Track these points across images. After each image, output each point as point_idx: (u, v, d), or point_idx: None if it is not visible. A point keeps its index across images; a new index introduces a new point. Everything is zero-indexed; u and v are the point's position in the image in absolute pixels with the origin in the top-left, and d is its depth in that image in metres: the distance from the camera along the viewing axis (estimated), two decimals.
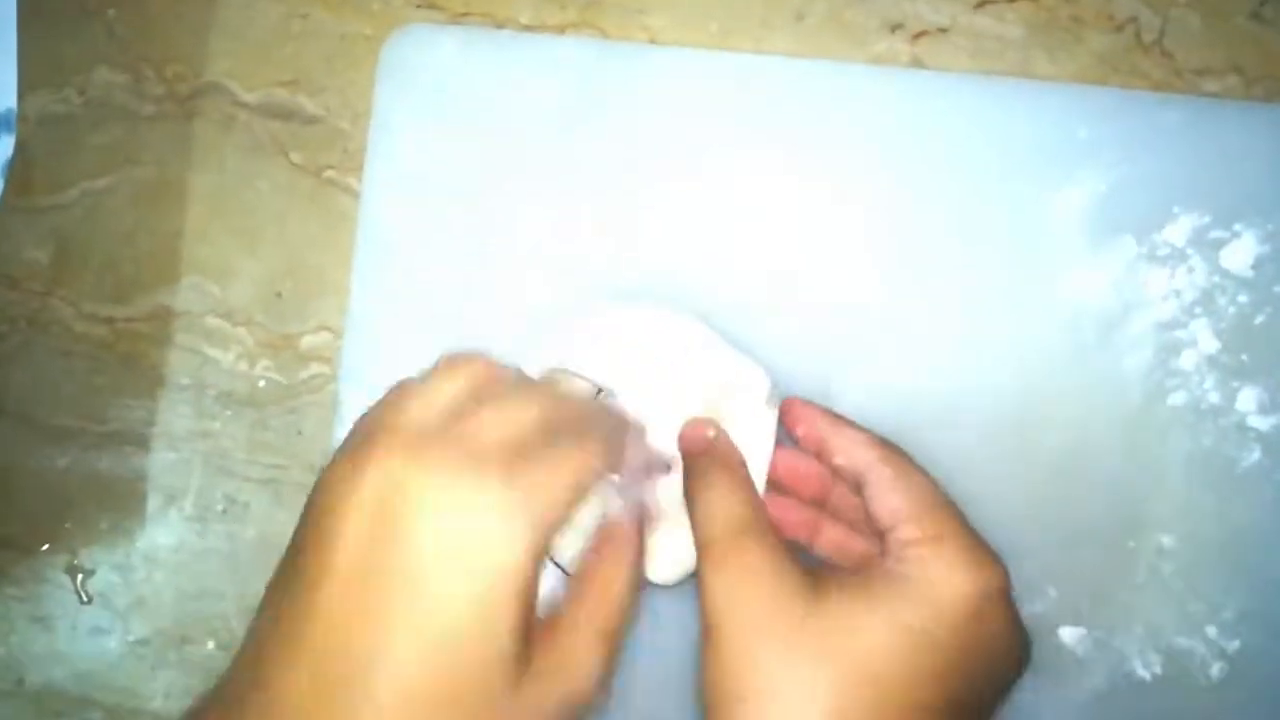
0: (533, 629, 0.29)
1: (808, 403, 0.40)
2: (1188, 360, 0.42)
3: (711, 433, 0.38)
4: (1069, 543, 0.42)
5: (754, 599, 0.33)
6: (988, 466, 0.42)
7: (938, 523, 0.35)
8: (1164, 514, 0.42)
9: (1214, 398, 0.42)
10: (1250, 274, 0.42)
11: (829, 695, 0.31)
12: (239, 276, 0.48)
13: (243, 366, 0.48)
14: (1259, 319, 0.42)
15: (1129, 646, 0.42)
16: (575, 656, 0.30)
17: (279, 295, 0.48)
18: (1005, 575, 0.35)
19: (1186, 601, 0.42)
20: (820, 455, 0.39)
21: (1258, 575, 0.42)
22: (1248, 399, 0.42)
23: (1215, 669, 0.42)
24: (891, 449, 0.38)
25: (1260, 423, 0.42)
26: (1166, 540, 0.42)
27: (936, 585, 0.34)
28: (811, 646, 0.32)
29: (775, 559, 0.34)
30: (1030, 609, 0.42)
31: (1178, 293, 0.42)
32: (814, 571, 0.35)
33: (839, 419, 0.39)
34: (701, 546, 0.36)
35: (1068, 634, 0.42)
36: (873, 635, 0.33)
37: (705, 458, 0.38)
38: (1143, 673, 0.42)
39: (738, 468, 0.38)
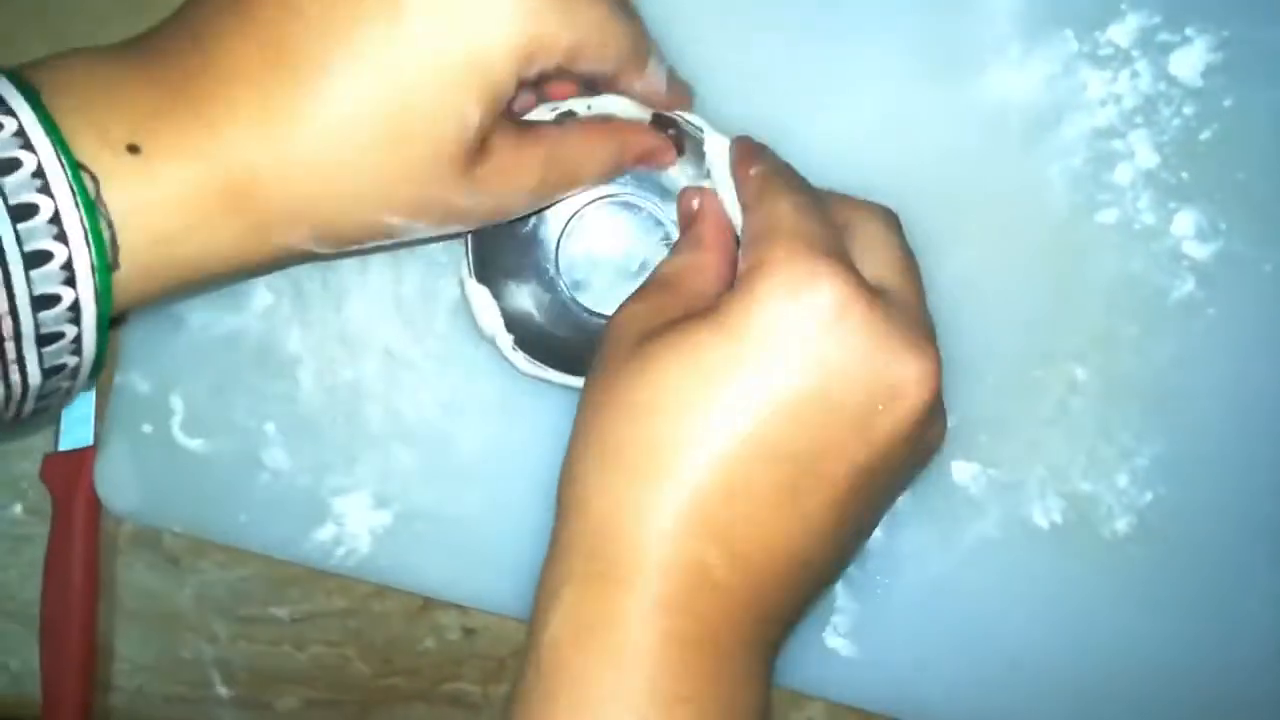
0: (494, 136, 0.29)
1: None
2: (1122, 174, 0.37)
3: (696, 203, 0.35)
4: (970, 368, 0.37)
5: None
6: None
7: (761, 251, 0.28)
8: (1079, 343, 0.37)
9: (1148, 218, 0.37)
10: (1199, 83, 0.37)
11: None
12: None
13: None
14: (1204, 134, 0.37)
15: (1028, 489, 0.37)
16: (520, 175, 0.30)
17: None
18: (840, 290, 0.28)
19: (1096, 444, 0.37)
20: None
21: (1179, 420, 0.37)
22: (1185, 223, 0.37)
23: (1121, 523, 0.37)
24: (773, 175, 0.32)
25: (1197, 250, 0.37)
26: (1080, 373, 0.37)
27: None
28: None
29: None
30: None
31: (1118, 98, 0.37)
32: None
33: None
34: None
35: (961, 470, 0.37)
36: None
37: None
38: (1040, 520, 0.37)
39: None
